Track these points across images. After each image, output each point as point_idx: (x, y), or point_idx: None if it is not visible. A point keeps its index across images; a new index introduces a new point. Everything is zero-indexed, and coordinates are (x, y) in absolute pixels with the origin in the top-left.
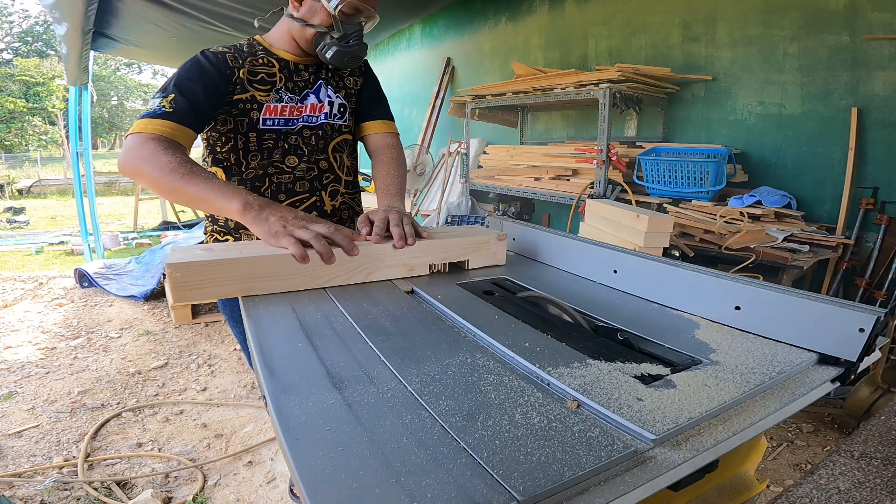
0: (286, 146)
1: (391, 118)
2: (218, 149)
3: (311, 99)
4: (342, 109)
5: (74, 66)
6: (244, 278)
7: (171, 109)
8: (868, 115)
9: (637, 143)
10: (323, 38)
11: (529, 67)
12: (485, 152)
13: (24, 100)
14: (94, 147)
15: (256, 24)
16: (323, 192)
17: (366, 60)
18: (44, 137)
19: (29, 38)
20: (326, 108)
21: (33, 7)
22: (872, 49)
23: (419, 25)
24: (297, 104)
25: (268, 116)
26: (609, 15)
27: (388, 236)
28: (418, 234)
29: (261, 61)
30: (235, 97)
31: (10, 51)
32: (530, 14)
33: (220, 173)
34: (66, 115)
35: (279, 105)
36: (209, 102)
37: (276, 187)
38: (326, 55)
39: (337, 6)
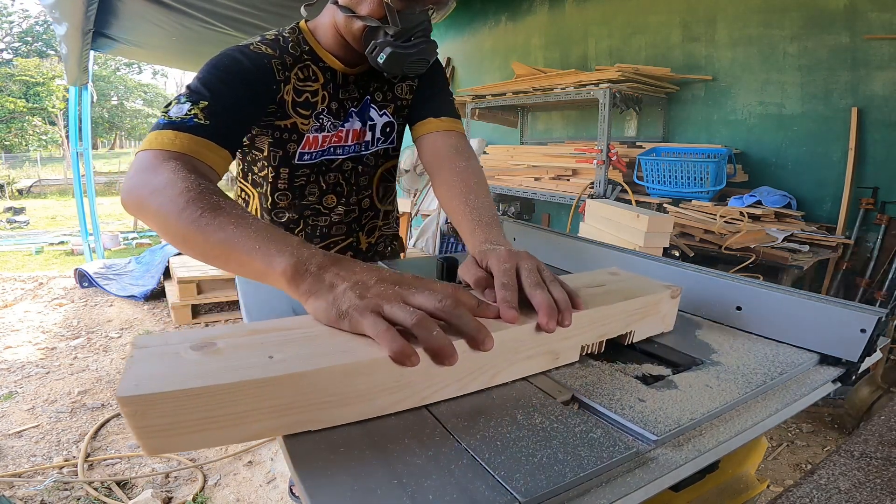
0: (323, 184)
1: (456, 115)
2: (255, 170)
3: (355, 123)
4: (388, 130)
5: (74, 66)
6: (281, 409)
7: (208, 122)
8: (868, 115)
9: (637, 143)
10: (375, 35)
11: (529, 67)
12: (485, 152)
13: (24, 100)
14: (94, 147)
15: (303, 12)
16: (360, 233)
17: None
18: (44, 137)
19: (29, 38)
20: (368, 136)
21: (33, 7)
22: (872, 49)
23: None
24: (337, 130)
25: (305, 150)
26: (609, 15)
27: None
28: (574, 301)
29: (306, 73)
30: (276, 122)
31: (10, 51)
32: (530, 14)
33: (254, 199)
34: (66, 115)
35: (319, 135)
36: (251, 117)
37: (311, 230)
38: (378, 59)
39: None
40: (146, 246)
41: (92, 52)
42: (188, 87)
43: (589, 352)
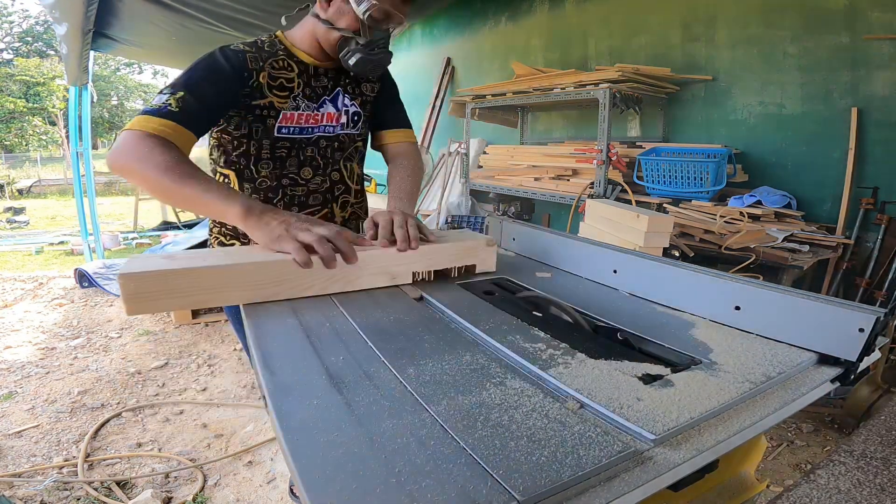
0: (301, 157)
1: (409, 126)
2: (230, 149)
3: (329, 108)
4: (356, 118)
5: (74, 66)
6: (203, 289)
7: (178, 109)
8: (868, 115)
9: (637, 143)
10: (347, 44)
11: (529, 67)
12: (485, 152)
13: (24, 100)
14: (94, 147)
15: (283, 22)
16: (334, 204)
17: None
18: (44, 137)
19: (29, 38)
20: (343, 119)
21: (33, 7)
22: (872, 49)
23: (419, 25)
24: (313, 112)
25: (284, 125)
26: (609, 15)
27: (393, 240)
28: (425, 238)
29: (280, 64)
30: (253, 103)
31: (10, 51)
32: (530, 14)
33: (233, 177)
34: (66, 115)
35: (295, 113)
36: (220, 106)
37: (290, 199)
38: (349, 62)
39: (366, 11)
40: (146, 246)
41: (92, 52)
42: (172, 82)
43: (421, 278)
